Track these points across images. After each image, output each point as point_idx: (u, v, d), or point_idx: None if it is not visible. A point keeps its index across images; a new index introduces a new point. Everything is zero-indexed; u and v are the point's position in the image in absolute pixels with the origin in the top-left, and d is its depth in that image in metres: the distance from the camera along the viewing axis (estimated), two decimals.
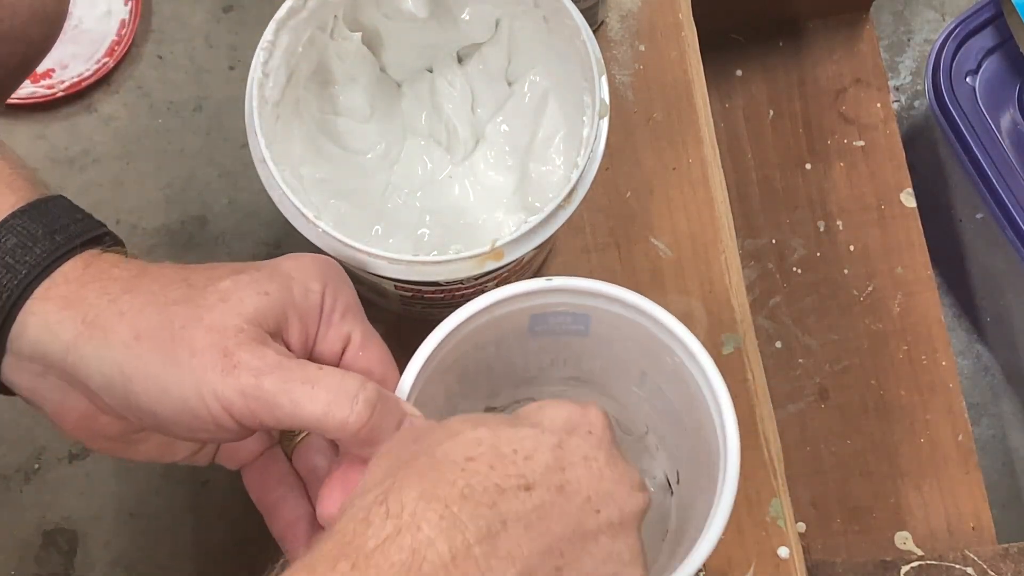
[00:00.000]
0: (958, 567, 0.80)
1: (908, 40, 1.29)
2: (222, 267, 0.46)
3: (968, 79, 1.04)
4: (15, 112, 0.76)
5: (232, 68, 0.79)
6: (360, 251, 0.54)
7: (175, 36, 0.80)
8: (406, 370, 0.50)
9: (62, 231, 0.45)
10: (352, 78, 0.64)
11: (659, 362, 0.54)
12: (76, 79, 0.76)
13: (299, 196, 0.55)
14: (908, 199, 1.07)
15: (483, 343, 0.54)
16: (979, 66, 1.04)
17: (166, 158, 0.77)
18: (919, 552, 0.96)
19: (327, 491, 0.45)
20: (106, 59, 0.77)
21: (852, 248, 1.06)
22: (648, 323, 0.52)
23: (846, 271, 1.05)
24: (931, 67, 1.03)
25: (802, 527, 0.97)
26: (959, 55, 1.04)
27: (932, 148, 1.12)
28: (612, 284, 0.52)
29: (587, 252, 0.71)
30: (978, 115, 1.02)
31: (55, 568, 0.68)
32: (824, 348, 1.04)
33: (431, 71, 0.67)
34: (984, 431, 1.16)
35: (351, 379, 0.43)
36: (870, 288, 1.05)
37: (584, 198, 0.57)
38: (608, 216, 0.71)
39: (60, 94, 0.76)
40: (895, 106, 1.14)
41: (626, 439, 0.63)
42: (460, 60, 0.67)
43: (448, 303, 0.61)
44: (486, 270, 0.55)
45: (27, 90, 0.75)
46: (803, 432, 1.01)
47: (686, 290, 0.70)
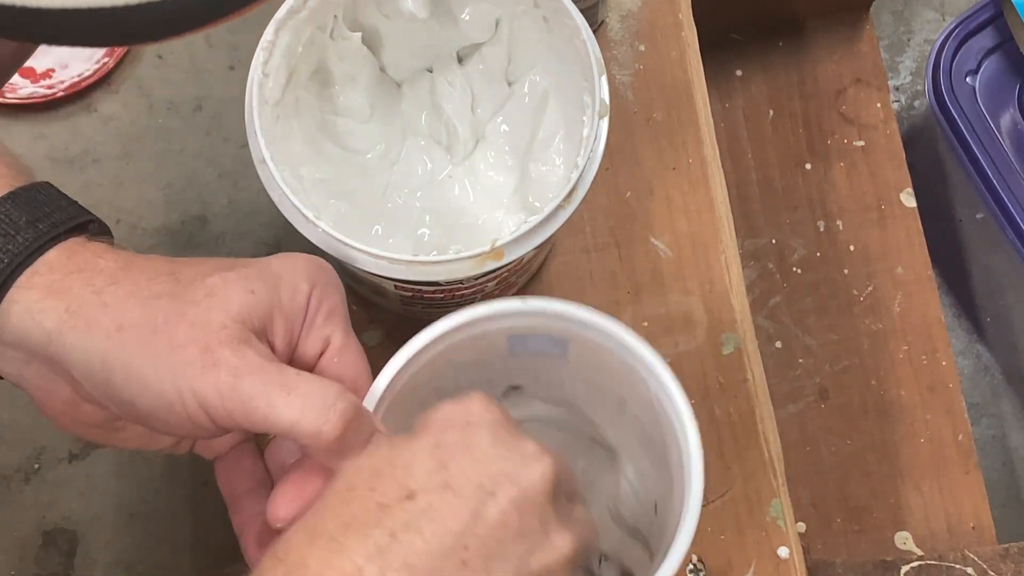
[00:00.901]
0: (958, 567, 0.79)
1: (908, 40, 1.29)
2: (211, 262, 0.46)
3: (968, 79, 1.03)
4: (15, 112, 0.76)
5: (232, 68, 0.79)
6: (360, 251, 0.54)
7: None
8: (372, 385, 0.49)
9: (45, 219, 0.44)
10: (352, 78, 0.64)
11: (635, 391, 0.52)
12: (76, 79, 0.76)
13: (299, 196, 0.55)
14: (908, 199, 1.07)
15: (461, 362, 0.53)
16: (979, 66, 1.04)
17: (166, 158, 0.76)
18: (919, 552, 0.96)
19: (279, 493, 0.45)
20: (106, 59, 0.77)
21: (852, 248, 1.06)
22: (622, 351, 0.50)
23: (846, 271, 1.05)
24: (931, 67, 1.03)
25: (802, 527, 0.97)
26: (959, 55, 1.03)
27: (932, 148, 1.12)
28: (588, 309, 0.50)
29: (587, 252, 0.71)
30: (978, 115, 1.02)
31: (55, 568, 0.68)
32: (824, 348, 1.04)
33: (431, 71, 0.67)
34: (984, 431, 1.16)
35: (329, 389, 0.43)
36: (870, 288, 1.05)
37: (584, 198, 0.57)
38: (608, 216, 0.71)
39: (60, 94, 0.76)
40: (895, 106, 1.14)
41: (611, 464, 0.61)
42: (460, 60, 0.67)
43: (448, 303, 0.61)
44: (486, 270, 0.55)
45: (27, 90, 0.75)
46: (803, 432, 1.01)
47: (686, 290, 0.70)
